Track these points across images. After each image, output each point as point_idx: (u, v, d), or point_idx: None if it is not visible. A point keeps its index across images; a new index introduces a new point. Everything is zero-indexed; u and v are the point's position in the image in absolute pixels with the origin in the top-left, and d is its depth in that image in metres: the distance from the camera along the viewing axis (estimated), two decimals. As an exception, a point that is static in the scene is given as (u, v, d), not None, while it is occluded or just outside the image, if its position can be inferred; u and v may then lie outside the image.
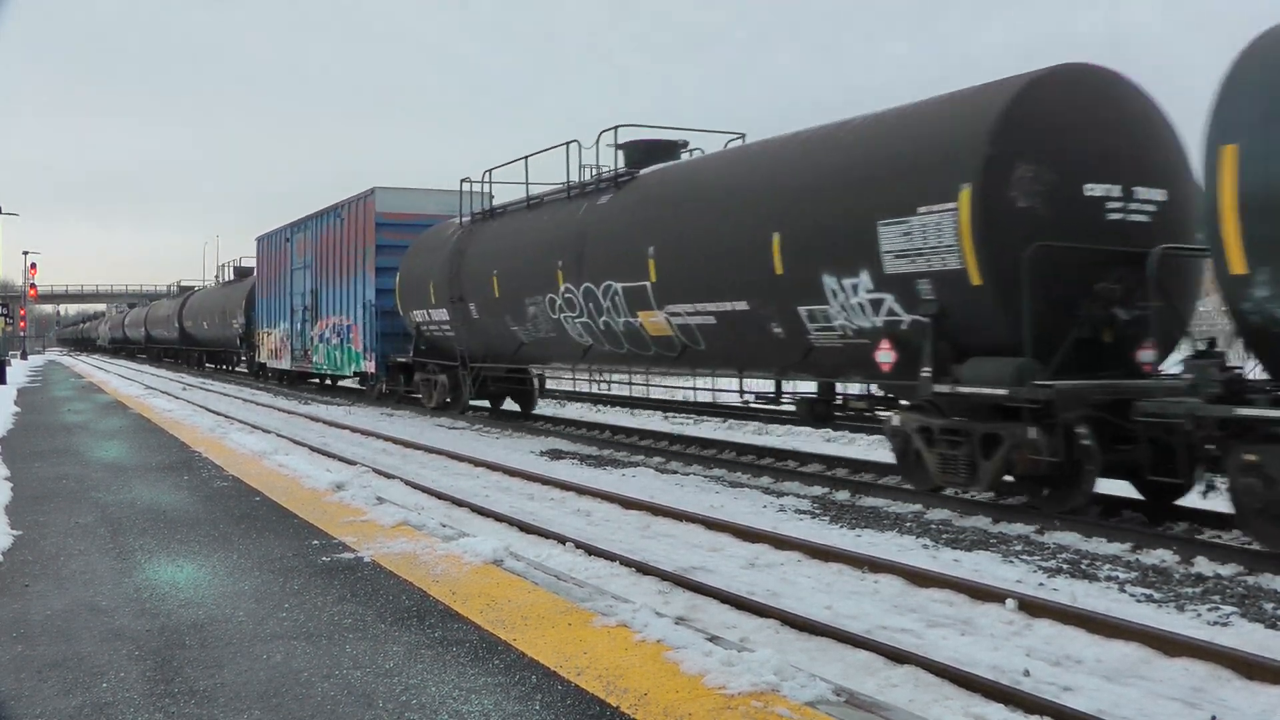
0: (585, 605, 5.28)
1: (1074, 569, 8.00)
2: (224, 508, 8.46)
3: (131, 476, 10.50)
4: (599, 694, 3.98)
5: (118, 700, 4.03)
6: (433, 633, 4.87)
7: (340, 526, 7.50)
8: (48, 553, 6.75)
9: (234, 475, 10.41)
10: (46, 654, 4.62)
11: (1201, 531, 9.14)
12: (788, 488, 12.05)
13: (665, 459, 14.63)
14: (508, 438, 18.34)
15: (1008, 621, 6.53)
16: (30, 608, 5.40)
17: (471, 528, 9.15)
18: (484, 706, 3.90)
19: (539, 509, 10.95)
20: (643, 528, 9.81)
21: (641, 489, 11.97)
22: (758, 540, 8.93)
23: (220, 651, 4.62)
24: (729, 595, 7.06)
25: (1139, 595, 7.29)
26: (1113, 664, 5.77)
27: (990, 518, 9.83)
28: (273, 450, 12.57)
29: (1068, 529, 9.19)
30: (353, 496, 8.79)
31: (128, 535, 7.36)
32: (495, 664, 4.39)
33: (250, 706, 3.94)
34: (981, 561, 8.33)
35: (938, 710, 5.04)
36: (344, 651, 4.59)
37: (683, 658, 4.35)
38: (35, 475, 10.57)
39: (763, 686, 4.00)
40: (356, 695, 4.04)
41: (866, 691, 4.62)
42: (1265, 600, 7.04)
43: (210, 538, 7.21)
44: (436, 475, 13.50)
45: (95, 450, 13.03)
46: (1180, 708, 5.16)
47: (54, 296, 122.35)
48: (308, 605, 5.38)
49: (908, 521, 9.88)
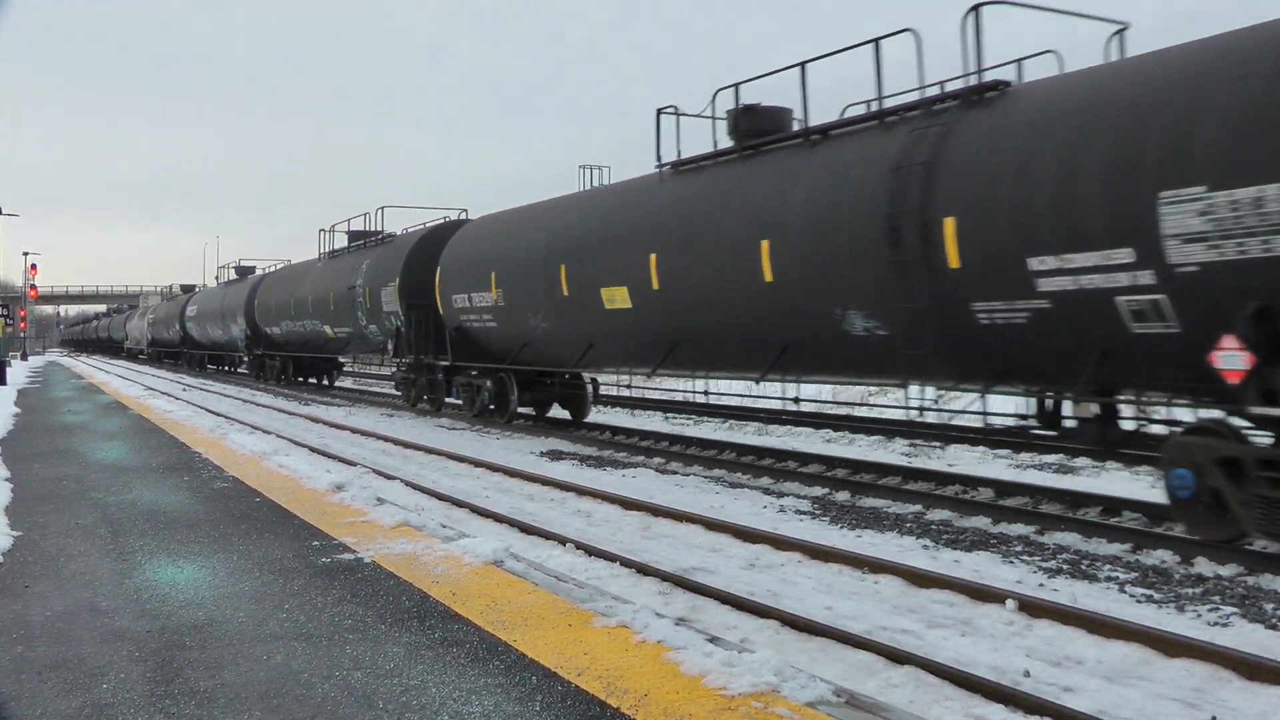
0: (585, 606, 5.28)
1: (1074, 569, 8.00)
2: (224, 509, 8.46)
3: (132, 477, 10.50)
4: (599, 695, 3.98)
5: (118, 701, 4.02)
6: (433, 633, 4.86)
7: (340, 527, 7.50)
8: (48, 554, 6.75)
9: (234, 476, 10.40)
10: (47, 655, 4.62)
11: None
12: (788, 488, 12.05)
13: (665, 460, 14.63)
14: (508, 438, 18.32)
15: (1008, 622, 6.53)
16: (30, 609, 5.40)
17: (472, 528, 9.15)
18: (484, 707, 3.90)
19: (539, 510, 10.95)
20: (643, 528, 9.81)
21: (641, 490, 11.97)
22: (758, 541, 8.93)
23: (220, 652, 4.62)
24: (729, 596, 7.06)
25: (1139, 596, 7.29)
26: (1113, 665, 5.77)
27: (990, 518, 9.82)
28: (273, 451, 12.57)
29: (1068, 529, 9.20)
30: (353, 497, 8.78)
31: (128, 536, 7.35)
32: (495, 665, 4.39)
33: (250, 707, 3.94)
34: (982, 562, 8.33)
35: (938, 711, 5.04)
36: (344, 652, 4.59)
37: (683, 658, 4.35)
38: (35, 476, 10.57)
39: (763, 687, 4.00)
40: (357, 696, 4.04)
41: (867, 692, 4.62)
42: (1265, 601, 7.04)
43: (210, 539, 7.21)
44: (436, 476, 13.50)
45: (95, 451, 13.03)
46: (1181, 708, 5.16)
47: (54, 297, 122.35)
48: (308, 606, 5.38)
49: (908, 522, 9.88)
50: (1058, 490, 10.96)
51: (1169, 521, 9.12)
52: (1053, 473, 12.88)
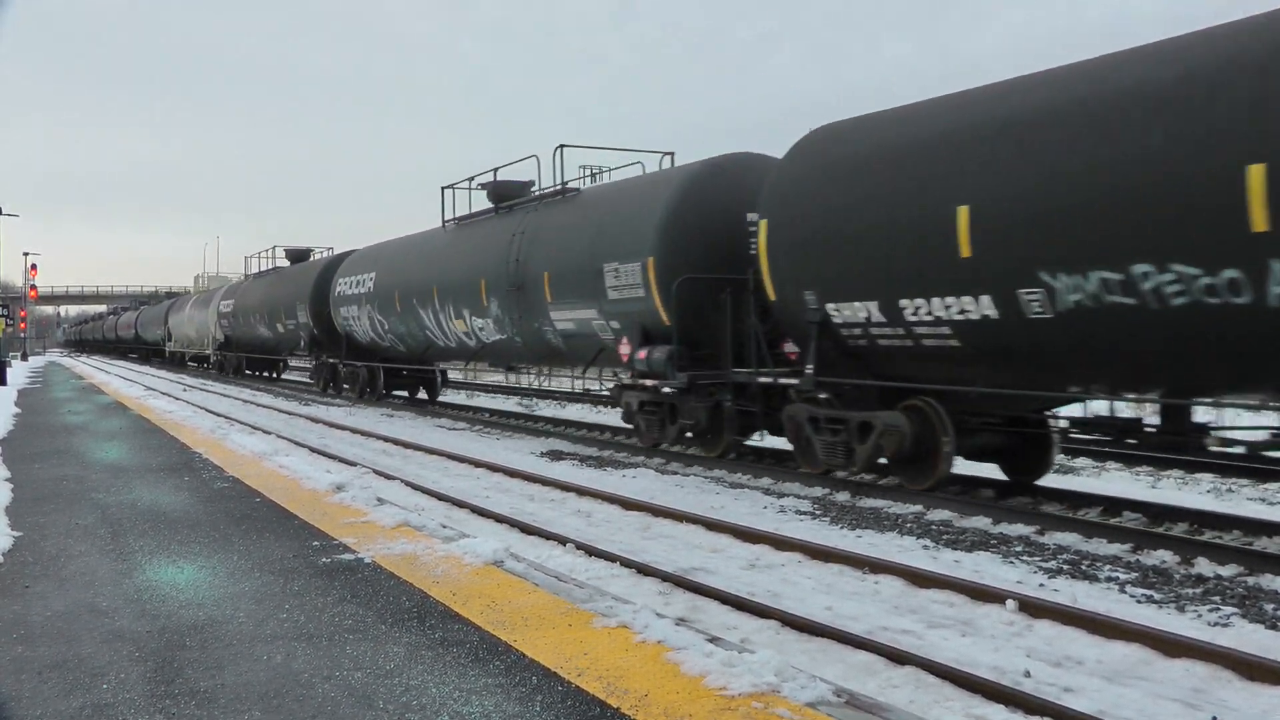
0: (586, 606, 5.28)
1: (1074, 570, 8.00)
2: (224, 509, 8.46)
3: (132, 478, 10.50)
4: (599, 695, 3.98)
5: (118, 701, 4.03)
6: (433, 634, 4.86)
7: (341, 528, 7.50)
8: (48, 554, 6.75)
9: (234, 476, 10.40)
10: (47, 655, 4.62)
11: (1202, 533, 9.15)
12: (788, 488, 12.05)
13: (665, 460, 14.62)
14: (508, 438, 18.33)
15: (1008, 622, 6.53)
16: (31, 609, 5.40)
17: (472, 529, 9.15)
18: (484, 707, 3.90)
19: (539, 510, 10.95)
20: (643, 529, 9.81)
21: (642, 490, 11.97)
22: (758, 541, 8.93)
23: (221, 653, 4.62)
24: (730, 596, 7.06)
25: (1139, 596, 7.29)
26: (1113, 665, 5.77)
27: (991, 519, 9.82)
28: (273, 451, 12.57)
29: (1068, 530, 9.19)
30: (353, 497, 8.78)
31: (128, 536, 7.35)
32: (496, 665, 4.39)
33: (250, 708, 3.94)
34: (982, 562, 8.32)
35: (938, 711, 5.04)
36: (344, 653, 4.59)
37: (683, 659, 4.35)
38: (36, 476, 10.57)
39: (763, 687, 4.00)
40: (357, 696, 4.04)
41: (867, 692, 4.62)
42: (1266, 601, 7.04)
43: (211, 539, 7.21)
44: (437, 476, 13.49)
45: (96, 451, 13.04)
46: (1181, 709, 5.16)
47: (54, 298, 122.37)
48: (308, 606, 5.38)
49: (908, 522, 9.88)
50: (1058, 490, 10.97)
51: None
52: (1052, 473, 12.89)
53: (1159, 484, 12.14)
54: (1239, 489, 11.61)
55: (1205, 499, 11.09)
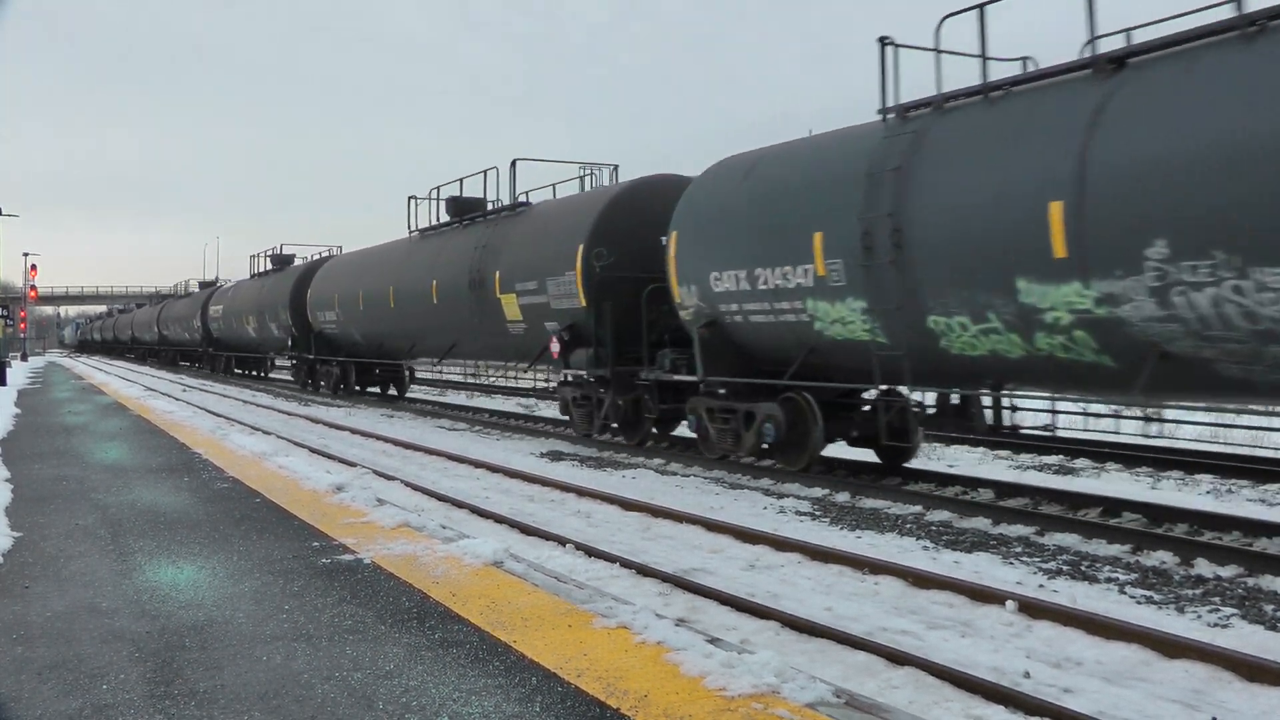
0: (585, 607, 5.28)
1: (1074, 570, 8.00)
2: (224, 509, 8.46)
3: (132, 478, 10.50)
4: (599, 695, 3.98)
5: (118, 702, 4.02)
6: (433, 634, 4.86)
7: (340, 528, 7.50)
8: (48, 554, 6.75)
9: (234, 477, 10.40)
10: (46, 655, 4.62)
11: (1201, 534, 9.15)
12: (788, 489, 12.05)
13: (665, 460, 14.63)
14: (508, 439, 18.34)
15: (1008, 623, 6.53)
16: (30, 609, 5.40)
17: (472, 529, 9.15)
18: (484, 708, 3.90)
19: (539, 510, 10.95)
20: (643, 529, 9.81)
21: (642, 490, 11.98)
22: (758, 542, 8.93)
23: (220, 653, 4.62)
24: (729, 597, 7.06)
25: (1139, 597, 7.29)
26: (1113, 666, 5.78)
27: (990, 519, 9.83)
28: (273, 452, 12.56)
29: (1068, 530, 9.20)
30: (353, 498, 8.78)
31: (128, 537, 7.35)
32: (495, 665, 4.39)
33: (250, 708, 3.93)
34: (982, 563, 8.33)
35: (938, 712, 5.04)
36: (344, 653, 4.59)
37: (683, 659, 4.35)
38: (35, 477, 10.57)
39: (763, 688, 4.00)
40: (357, 697, 4.04)
41: (867, 693, 4.62)
42: (1265, 602, 7.04)
43: (210, 539, 7.20)
44: (436, 477, 13.50)
45: (95, 452, 13.03)
46: (1180, 709, 5.16)
47: (54, 298, 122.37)
48: (308, 607, 5.37)
49: (908, 523, 9.88)
50: (1058, 491, 10.97)
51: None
52: (1052, 474, 12.89)
53: (1159, 485, 12.14)
54: (1239, 490, 11.62)
55: (1205, 500, 11.09)
